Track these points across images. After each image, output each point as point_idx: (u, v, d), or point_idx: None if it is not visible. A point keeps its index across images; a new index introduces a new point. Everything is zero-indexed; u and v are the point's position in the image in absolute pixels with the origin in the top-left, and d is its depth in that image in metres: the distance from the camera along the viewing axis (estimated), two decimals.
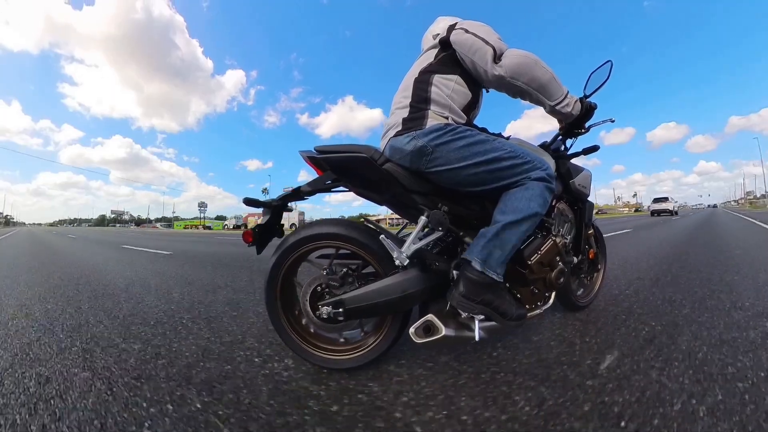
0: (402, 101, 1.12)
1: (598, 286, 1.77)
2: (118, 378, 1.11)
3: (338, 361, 1.12)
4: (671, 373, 1.03)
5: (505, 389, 0.98)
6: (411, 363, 1.16)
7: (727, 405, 0.86)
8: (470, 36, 1.05)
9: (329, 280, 1.11)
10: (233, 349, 1.33)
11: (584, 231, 1.49)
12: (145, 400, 0.97)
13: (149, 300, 2.19)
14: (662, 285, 2.18)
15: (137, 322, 1.71)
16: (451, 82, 1.08)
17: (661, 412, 0.84)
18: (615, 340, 1.30)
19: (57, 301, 2.22)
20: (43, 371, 1.18)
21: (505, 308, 0.99)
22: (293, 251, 1.12)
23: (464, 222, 1.13)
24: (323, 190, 1.14)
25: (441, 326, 0.99)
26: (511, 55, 1.02)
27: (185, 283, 2.74)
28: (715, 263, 2.93)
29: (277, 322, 1.16)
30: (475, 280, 0.95)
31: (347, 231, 1.08)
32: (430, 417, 0.86)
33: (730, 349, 1.18)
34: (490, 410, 0.88)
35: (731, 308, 1.65)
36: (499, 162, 1.01)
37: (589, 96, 1.29)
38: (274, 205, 1.17)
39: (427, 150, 1.01)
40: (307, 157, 1.11)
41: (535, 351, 1.23)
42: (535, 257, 1.07)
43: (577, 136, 1.40)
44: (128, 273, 3.37)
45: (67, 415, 0.90)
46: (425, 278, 1.03)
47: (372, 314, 1.07)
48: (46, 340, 1.50)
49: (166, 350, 1.35)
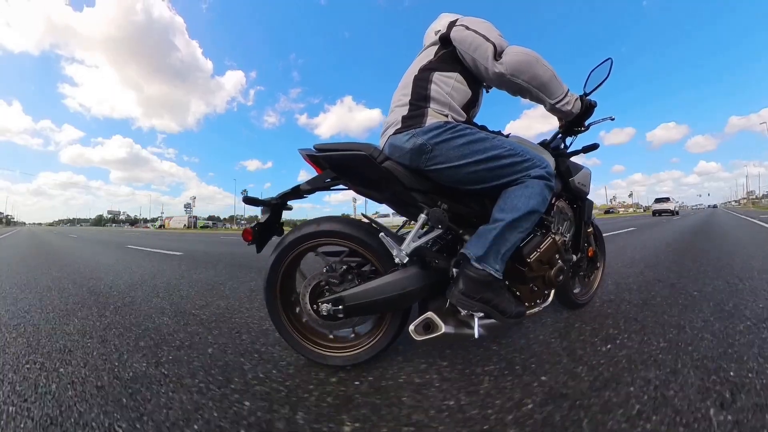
0: (401, 99, 1.12)
1: (597, 284, 1.77)
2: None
3: (337, 357, 1.13)
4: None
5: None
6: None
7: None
8: (471, 33, 1.04)
9: (329, 278, 1.11)
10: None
11: (583, 229, 1.50)
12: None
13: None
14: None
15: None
16: (451, 80, 1.08)
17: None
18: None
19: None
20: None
21: (504, 306, 0.99)
22: (293, 249, 1.12)
23: (464, 220, 1.13)
24: (323, 188, 1.14)
25: (440, 323, 1.00)
26: (512, 53, 1.02)
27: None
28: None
29: (277, 319, 1.16)
30: (474, 277, 0.96)
31: (347, 229, 1.08)
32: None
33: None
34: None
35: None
36: (499, 160, 1.00)
37: (589, 94, 1.28)
38: (274, 204, 1.17)
39: (427, 148, 1.01)
40: (306, 155, 1.11)
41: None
42: (535, 255, 1.07)
43: (576, 135, 1.40)
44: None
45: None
46: (425, 276, 1.03)
47: (372, 311, 1.07)
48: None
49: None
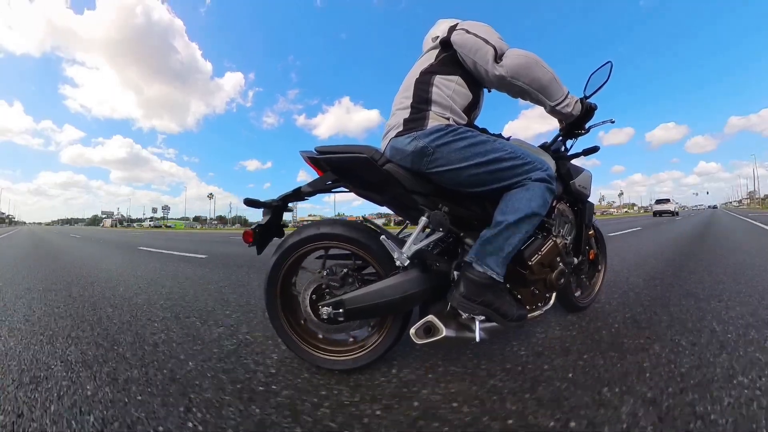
0: (403, 102, 1.12)
1: (598, 287, 1.77)
2: None
3: (338, 361, 1.12)
4: None
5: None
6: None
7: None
8: (471, 36, 1.04)
9: (330, 281, 1.10)
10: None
11: (584, 232, 1.49)
12: None
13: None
14: None
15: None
16: (452, 83, 1.08)
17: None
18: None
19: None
20: None
21: (505, 309, 0.99)
22: (294, 251, 1.12)
23: (465, 223, 1.13)
24: (324, 190, 1.14)
25: (441, 327, 0.99)
26: (512, 55, 1.02)
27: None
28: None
29: (277, 322, 1.16)
30: (475, 280, 0.95)
31: (348, 231, 1.08)
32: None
33: None
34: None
35: None
36: (500, 163, 1.00)
37: (590, 97, 1.29)
38: (275, 206, 1.17)
39: (428, 151, 1.01)
40: (307, 157, 1.11)
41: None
42: (536, 258, 1.07)
43: (577, 137, 1.40)
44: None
45: None
46: (426, 279, 1.03)
47: (372, 315, 1.06)
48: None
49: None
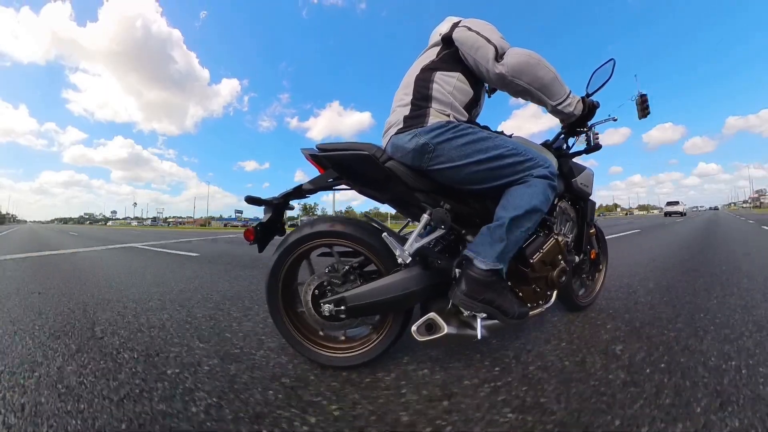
0: (403, 99, 1.11)
1: (599, 286, 1.76)
2: None
3: (339, 358, 1.12)
4: None
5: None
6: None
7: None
8: (473, 34, 1.04)
9: (331, 278, 1.10)
10: None
11: (586, 230, 1.49)
12: None
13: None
14: None
15: None
16: (452, 80, 1.08)
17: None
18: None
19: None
20: None
21: (507, 307, 0.98)
22: (296, 249, 1.12)
23: (466, 220, 1.13)
24: (325, 188, 1.14)
25: (443, 324, 0.99)
26: (513, 54, 1.02)
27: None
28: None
29: (279, 319, 1.15)
30: (477, 278, 0.95)
31: (350, 229, 1.08)
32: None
33: None
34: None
35: None
36: (502, 159, 1.00)
37: (592, 95, 1.28)
38: (276, 204, 1.17)
39: (429, 148, 1.01)
40: (309, 154, 1.11)
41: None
42: (537, 255, 1.07)
43: (579, 135, 1.40)
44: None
45: None
46: (427, 276, 1.03)
47: (374, 312, 1.06)
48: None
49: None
